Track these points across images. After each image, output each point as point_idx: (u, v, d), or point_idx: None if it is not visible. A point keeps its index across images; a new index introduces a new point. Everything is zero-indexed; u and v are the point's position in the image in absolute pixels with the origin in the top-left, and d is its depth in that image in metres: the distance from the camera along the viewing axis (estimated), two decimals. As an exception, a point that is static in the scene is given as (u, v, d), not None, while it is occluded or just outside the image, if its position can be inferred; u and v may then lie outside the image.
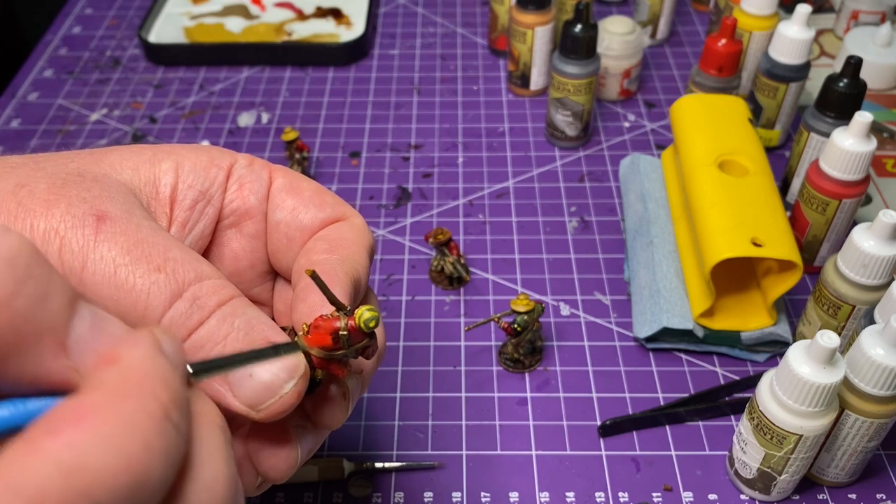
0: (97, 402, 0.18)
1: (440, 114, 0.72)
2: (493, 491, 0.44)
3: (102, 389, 0.18)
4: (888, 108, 0.71)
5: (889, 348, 0.37)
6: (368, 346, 0.27)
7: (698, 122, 0.55)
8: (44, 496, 0.16)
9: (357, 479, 0.45)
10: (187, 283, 0.26)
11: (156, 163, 0.30)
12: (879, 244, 0.43)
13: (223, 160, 0.32)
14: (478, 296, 0.55)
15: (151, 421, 0.18)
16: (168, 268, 0.26)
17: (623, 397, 0.49)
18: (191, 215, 0.31)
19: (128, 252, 0.26)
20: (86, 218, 0.26)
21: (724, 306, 0.50)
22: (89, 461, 0.17)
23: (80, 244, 0.25)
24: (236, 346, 0.26)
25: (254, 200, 0.32)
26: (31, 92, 0.75)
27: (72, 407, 0.18)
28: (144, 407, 0.18)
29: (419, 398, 0.49)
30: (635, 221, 0.57)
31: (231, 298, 0.27)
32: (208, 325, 0.26)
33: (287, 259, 0.33)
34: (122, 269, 0.25)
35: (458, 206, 0.62)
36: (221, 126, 0.71)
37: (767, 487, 0.42)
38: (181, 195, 0.30)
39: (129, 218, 0.27)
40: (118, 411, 0.18)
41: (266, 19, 0.82)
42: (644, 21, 0.78)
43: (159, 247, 0.26)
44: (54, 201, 0.26)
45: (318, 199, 0.32)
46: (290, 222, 0.32)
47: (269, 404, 0.25)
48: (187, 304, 0.26)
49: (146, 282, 0.25)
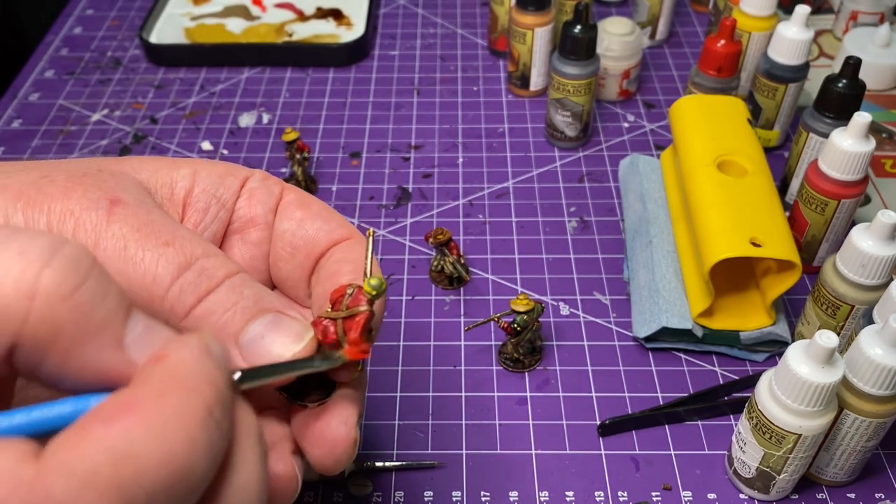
0: (146, 395, 0.19)
1: (440, 114, 0.72)
2: (493, 490, 0.44)
3: (150, 383, 0.19)
4: (887, 108, 0.71)
5: (888, 348, 0.37)
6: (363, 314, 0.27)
7: (697, 122, 0.55)
8: (96, 478, 0.17)
9: (357, 478, 0.45)
10: (195, 256, 0.27)
11: (174, 168, 0.32)
12: (878, 244, 0.43)
13: (239, 172, 0.33)
14: (478, 296, 0.55)
15: (195, 416, 0.19)
16: (176, 243, 0.27)
17: (622, 397, 0.49)
18: (203, 217, 0.32)
19: (137, 230, 0.26)
20: (100, 201, 0.27)
21: (723, 306, 0.50)
22: (137, 449, 0.18)
23: (93, 224, 0.26)
24: (245, 315, 0.27)
25: (260, 210, 0.33)
26: (32, 92, 0.75)
27: (121, 399, 0.19)
28: (189, 402, 0.19)
29: (419, 398, 0.49)
30: (634, 221, 0.57)
31: (238, 272, 0.28)
32: (217, 292, 0.27)
33: (288, 268, 0.33)
34: (132, 244, 0.26)
35: (458, 207, 0.62)
36: (222, 126, 0.71)
37: (766, 487, 0.42)
38: (195, 198, 0.31)
39: (140, 204, 0.28)
40: (164, 404, 0.19)
41: (267, 20, 0.82)
42: (643, 22, 0.78)
43: (168, 227, 0.27)
44: (71, 188, 0.27)
45: (326, 215, 0.33)
46: (295, 232, 0.33)
47: None
48: (195, 274, 0.26)
49: (154, 255, 0.26)
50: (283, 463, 0.28)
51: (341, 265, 0.31)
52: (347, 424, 0.28)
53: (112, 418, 0.18)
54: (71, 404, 0.20)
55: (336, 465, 0.28)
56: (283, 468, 0.28)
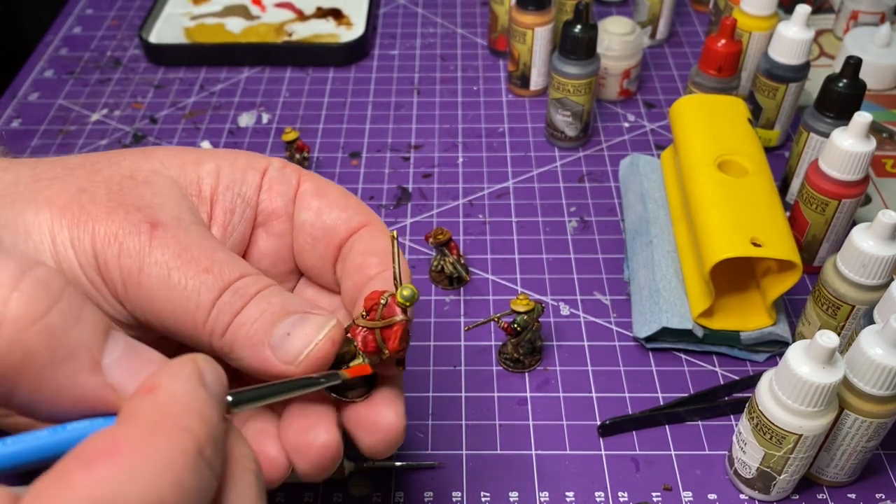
0: (131, 435, 0.18)
1: (440, 114, 0.72)
2: (493, 491, 0.44)
3: (138, 422, 0.18)
4: (887, 108, 0.71)
5: (888, 348, 0.37)
6: (400, 323, 0.29)
7: (698, 122, 0.55)
8: None
9: (357, 478, 0.45)
10: (232, 280, 0.29)
11: (200, 164, 0.33)
12: (879, 244, 0.43)
13: (259, 163, 0.34)
14: (478, 296, 0.55)
15: (185, 458, 0.18)
16: (215, 269, 0.28)
17: (623, 397, 0.49)
18: (231, 219, 0.33)
19: (179, 256, 0.28)
20: (140, 225, 0.28)
21: (724, 306, 0.50)
22: (120, 497, 0.17)
23: (136, 249, 0.28)
24: (273, 319, 0.28)
25: (280, 202, 0.34)
26: (31, 92, 0.75)
27: (106, 439, 0.18)
28: (178, 443, 0.18)
29: (419, 398, 0.49)
30: (635, 221, 0.57)
31: (269, 286, 0.30)
32: (249, 307, 0.28)
33: (312, 258, 0.34)
34: (175, 272, 0.28)
35: (458, 206, 0.62)
36: (222, 126, 0.71)
37: (767, 487, 0.42)
38: (220, 196, 0.33)
39: (178, 224, 0.29)
40: (152, 447, 0.18)
41: (266, 20, 0.82)
42: (644, 21, 0.78)
43: (206, 250, 0.29)
44: (113, 209, 0.29)
45: (343, 202, 0.34)
46: (314, 223, 0.34)
47: (307, 353, 0.28)
48: (230, 295, 0.28)
49: (196, 282, 0.28)
50: (330, 434, 0.29)
51: (366, 258, 0.32)
52: (398, 413, 0.31)
53: (93, 463, 0.17)
54: (48, 434, 0.19)
55: (388, 450, 0.31)
56: (328, 436, 0.29)
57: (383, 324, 0.28)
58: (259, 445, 0.29)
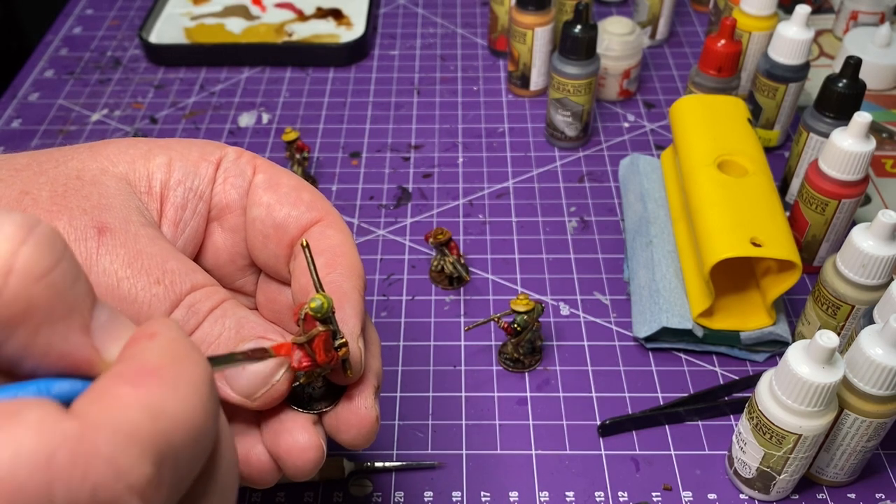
0: (158, 362, 0.19)
1: (440, 114, 0.72)
2: (493, 490, 0.44)
3: (157, 354, 0.20)
4: (887, 108, 0.71)
5: (888, 348, 0.37)
6: (320, 335, 0.28)
7: (698, 122, 0.55)
8: (138, 434, 0.18)
9: (357, 478, 0.45)
10: (183, 293, 0.28)
11: (150, 158, 0.32)
12: (878, 244, 0.43)
13: (213, 154, 0.33)
14: (478, 296, 0.55)
15: (205, 383, 0.20)
16: (166, 280, 0.28)
17: (622, 397, 0.49)
18: (183, 215, 0.32)
19: (128, 265, 0.28)
20: (87, 230, 0.28)
21: (724, 306, 0.50)
22: (167, 408, 0.18)
23: (83, 257, 0.27)
24: (228, 344, 0.28)
25: (235, 195, 0.33)
26: (31, 92, 0.75)
27: (135, 366, 0.19)
28: (197, 371, 0.20)
29: (419, 398, 0.49)
30: (635, 221, 0.57)
31: (223, 302, 0.29)
32: (203, 327, 0.28)
33: (264, 255, 0.33)
34: (125, 283, 0.27)
35: (458, 206, 0.62)
36: (222, 126, 0.71)
37: (767, 487, 0.42)
38: (172, 191, 0.32)
39: (126, 228, 0.29)
40: (180, 371, 0.19)
41: (266, 20, 0.82)
42: (643, 21, 0.78)
43: (157, 258, 0.28)
44: (56, 212, 0.28)
45: (294, 197, 0.33)
46: (265, 220, 0.33)
47: (263, 393, 0.28)
48: (184, 311, 0.28)
49: (147, 294, 0.28)
50: (308, 434, 0.30)
51: (314, 258, 0.32)
52: (367, 407, 0.30)
53: (140, 380, 0.19)
54: (34, 387, 0.20)
55: (366, 442, 0.31)
56: (307, 438, 0.30)
57: (306, 338, 0.28)
58: (247, 453, 0.30)
